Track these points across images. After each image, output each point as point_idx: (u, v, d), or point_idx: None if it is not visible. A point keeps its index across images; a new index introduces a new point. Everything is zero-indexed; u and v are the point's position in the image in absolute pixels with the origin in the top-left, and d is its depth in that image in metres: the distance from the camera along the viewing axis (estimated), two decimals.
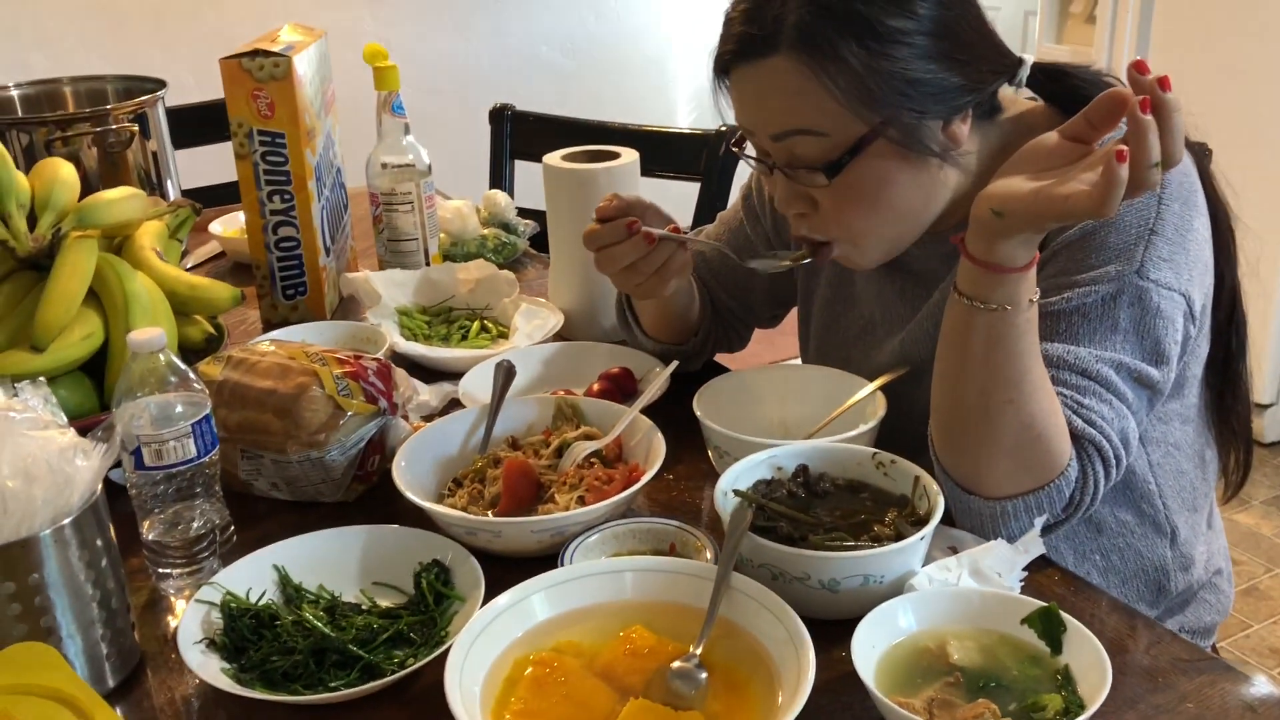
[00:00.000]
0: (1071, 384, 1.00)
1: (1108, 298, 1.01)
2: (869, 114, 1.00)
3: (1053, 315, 1.02)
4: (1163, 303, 1.01)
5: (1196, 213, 1.05)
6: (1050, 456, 0.96)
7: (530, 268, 1.80)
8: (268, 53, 1.42)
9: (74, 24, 3.43)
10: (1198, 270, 1.04)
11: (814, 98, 1.00)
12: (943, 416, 0.99)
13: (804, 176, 1.05)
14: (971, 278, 0.93)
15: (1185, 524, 1.20)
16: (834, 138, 1.01)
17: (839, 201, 1.05)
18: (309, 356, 1.13)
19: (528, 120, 2.20)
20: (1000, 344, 0.93)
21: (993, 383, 0.94)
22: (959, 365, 0.96)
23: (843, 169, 1.02)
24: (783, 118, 1.03)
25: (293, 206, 1.49)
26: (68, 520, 0.83)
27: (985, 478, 0.97)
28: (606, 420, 1.14)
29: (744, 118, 1.08)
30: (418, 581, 0.96)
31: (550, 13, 4.16)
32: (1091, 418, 0.98)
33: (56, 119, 1.74)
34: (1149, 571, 1.19)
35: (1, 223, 1.21)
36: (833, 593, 0.89)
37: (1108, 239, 1.02)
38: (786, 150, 1.05)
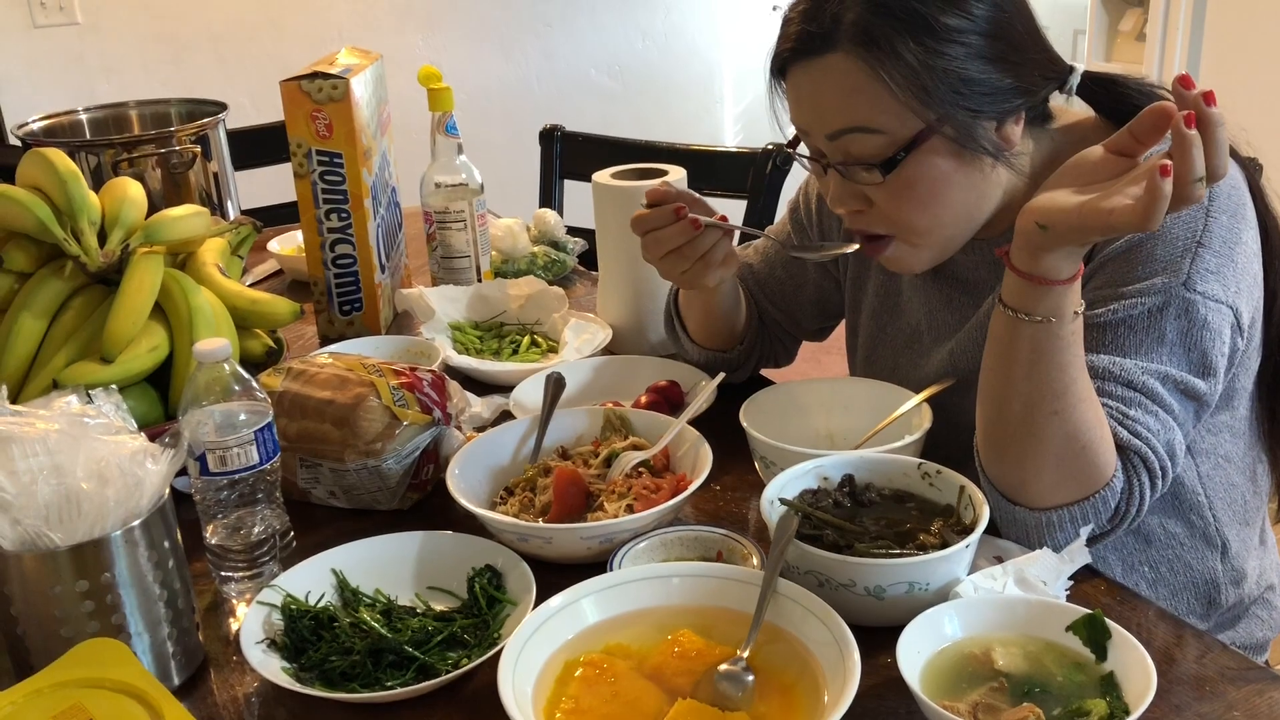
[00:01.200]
0: (1117, 395, 1.00)
1: (1154, 309, 1.01)
2: (924, 111, 1.02)
3: (1099, 327, 1.03)
4: (1210, 315, 1.01)
5: (1245, 225, 1.05)
6: (1095, 468, 0.96)
7: (579, 284, 1.83)
8: (326, 75, 1.47)
9: (138, 52, 3.53)
10: (1245, 283, 1.04)
11: (870, 95, 1.02)
12: (988, 428, 1.00)
13: (859, 174, 1.07)
14: (1016, 290, 0.94)
15: (1236, 537, 1.19)
16: (889, 135, 1.03)
17: (893, 199, 1.07)
18: (366, 368, 1.16)
19: (577, 140, 2.24)
20: (1045, 356, 0.94)
21: (1038, 394, 0.95)
22: (1004, 377, 0.97)
23: (898, 166, 1.04)
24: (839, 115, 1.05)
25: (349, 224, 1.53)
26: (137, 522, 0.87)
27: (1030, 488, 0.98)
28: (654, 431, 1.16)
29: (800, 117, 1.10)
30: (471, 586, 0.98)
31: (598, 36, 4.22)
32: (1137, 429, 0.99)
33: (123, 141, 1.80)
34: (1199, 585, 1.18)
35: (74, 239, 1.26)
36: (878, 599, 0.90)
37: (1155, 251, 1.02)
38: (842, 148, 1.07)
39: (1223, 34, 2.91)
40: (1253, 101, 2.80)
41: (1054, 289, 0.92)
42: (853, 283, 1.35)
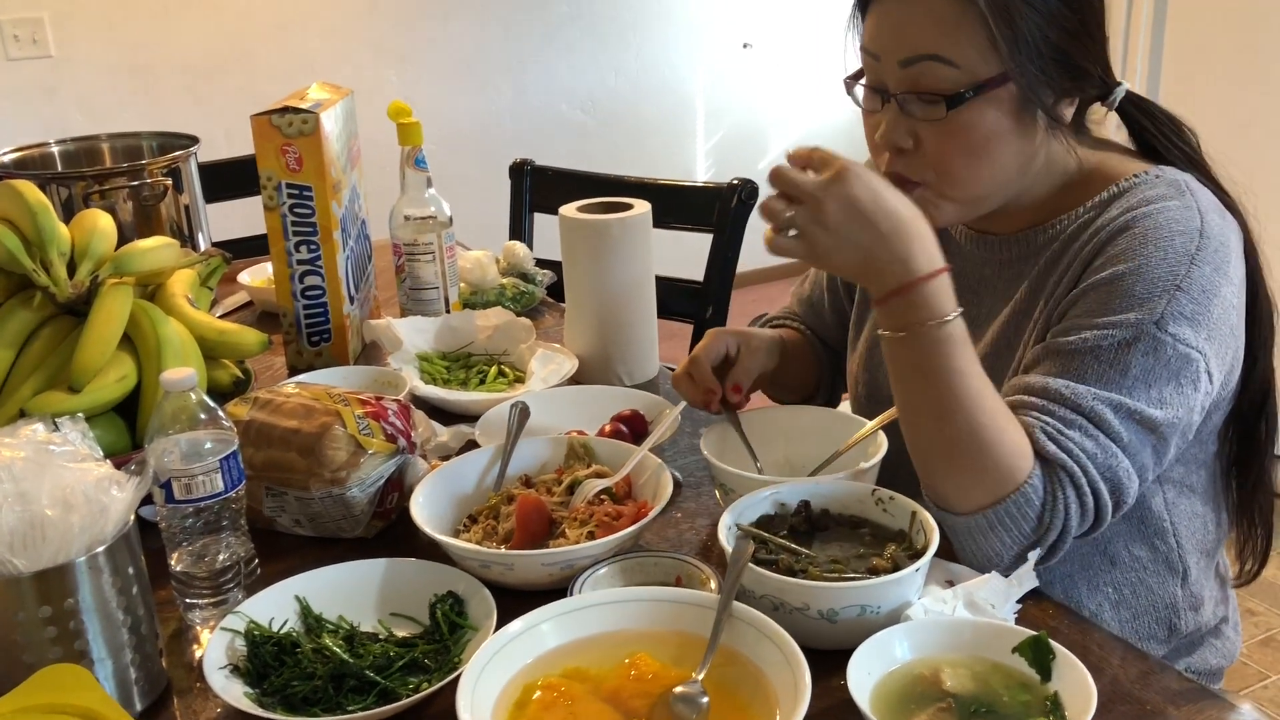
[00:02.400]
0: (1058, 415, 1.03)
1: (1122, 343, 1.04)
2: (1001, 59, 1.06)
3: (1066, 353, 1.06)
4: (1175, 357, 1.03)
5: (1226, 280, 1.08)
6: (1000, 470, 1.00)
7: (547, 315, 1.86)
8: (297, 109, 1.49)
9: (111, 84, 3.55)
10: (1220, 333, 1.07)
11: (958, 29, 1.06)
12: (908, 442, 1.05)
13: (920, 108, 1.09)
14: (890, 314, 1.02)
15: (1197, 565, 1.22)
16: (963, 72, 1.07)
17: (944, 140, 1.10)
18: (332, 398, 1.18)
19: (546, 175, 2.27)
20: (908, 366, 1.01)
21: (932, 401, 1.01)
22: (899, 393, 1.04)
23: (964, 103, 1.07)
24: (922, 41, 1.08)
25: (318, 256, 1.55)
26: (101, 548, 0.88)
27: (946, 493, 1.03)
28: (617, 459, 1.18)
29: (878, 40, 1.12)
30: (433, 612, 1.00)
31: (571, 72, 4.27)
32: (1068, 446, 1.01)
33: (95, 173, 1.82)
34: (1159, 609, 1.21)
35: (43, 270, 1.27)
36: (831, 623, 0.92)
37: (1134, 287, 1.05)
38: (912, 78, 1.09)
39: (1182, 54, 2.97)
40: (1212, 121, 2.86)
41: (888, 304, 1.00)
42: (863, 293, 1.39)
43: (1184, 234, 1.06)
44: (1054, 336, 1.09)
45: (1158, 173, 1.14)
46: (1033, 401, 1.04)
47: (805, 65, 4.64)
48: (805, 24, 4.58)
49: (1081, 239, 1.13)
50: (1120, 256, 1.07)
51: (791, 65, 4.63)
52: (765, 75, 4.62)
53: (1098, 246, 1.10)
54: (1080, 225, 1.14)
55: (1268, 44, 2.78)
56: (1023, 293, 1.18)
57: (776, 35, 4.58)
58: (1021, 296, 1.18)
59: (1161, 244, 1.06)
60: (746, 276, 3.29)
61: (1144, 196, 1.10)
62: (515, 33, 4.11)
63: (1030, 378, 1.07)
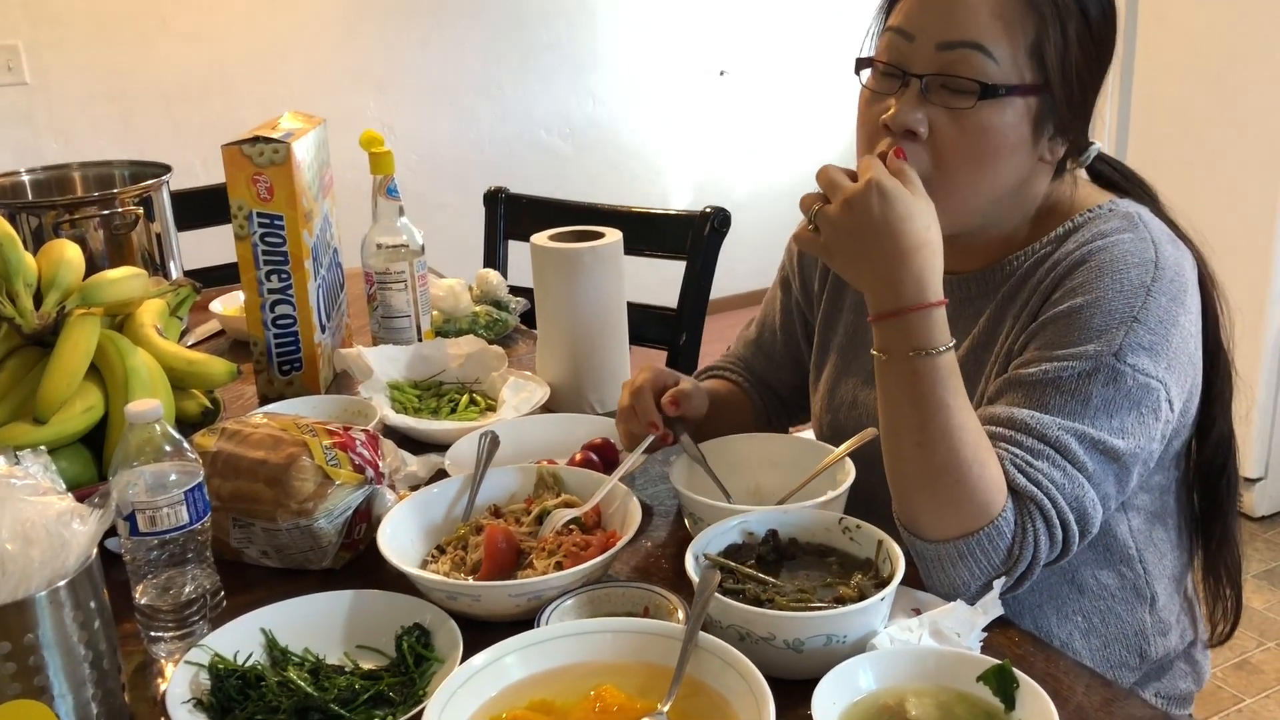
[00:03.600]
0: (1026, 446, 1.04)
1: (1083, 374, 1.05)
2: (1038, 70, 1.08)
3: (1028, 384, 1.07)
4: (1136, 387, 1.05)
5: (1183, 310, 1.09)
6: (974, 504, 1.00)
7: (521, 343, 1.86)
8: (268, 139, 1.49)
9: (86, 111, 3.54)
10: (1179, 362, 1.08)
11: (1008, 23, 1.07)
12: (887, 463, 1.06)
13: (944, 97, 1.08)
14: (886, 333, 1.03)
15: (1164, 591, 1.23)
16: (1001, 70, 1.07)
17: (959, 134, 1.08)
18: (300, 428, 1.18)
19: (521, 202, 2.28)
20: (897, 390, 1.02)
21: (901, 426, 1.02)
22: (887, 416, 1.05)
23: (995, 98, 1.07)
24: (969, 26, 1.07)
25: (290, 285, 1.55)
26: (63, 582, 0.87)
27: (919, 520, 1.03)
28: (587, 489, 1.18)
29: (919, 20, 1.10)
30: (399, 644, 0.99)
31: (550, 98, 4.29)
32: (1038, 478, 1.02)
33: (65, 203, 1.81)
34: (1129, 636, 1.21)
35: (9, 301, 1.27)
36: (797, 652, 0.92)
37: (1092, 320, 1.07)
38: (947, 62, 1.08)
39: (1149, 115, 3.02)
40: (1177, 174, 2.91)
41: (888, 323, 1.01)
42: (824, 321, 1.39)
43: (1139, 265, 1.08)
44: (1015, 368, 1.10)
45: (1111, 205, 1.16)
46: (999, 432, 1.05)
47: (781, 92, 4.67)
48: (780, 52, 4.62)
49: (1039, 273, 1.14)
50: (1078, 289, 1.09)
51: (767, 92, 4.67)
52: (741, 102, 4.65)
53: (1055, 280, 1.11)
54: (1037, 260, 1.15)
55: (1232, 103, 2.83)
56: (981, 327, 1.19)
57: (752, 63, 4.62)
58: (980, 331, 1.19)
59: (1117, 276, 1.07)
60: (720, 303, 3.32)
61: (1099, 230, 1.12)
62: (493, 59, 4.13)
63: (995, 408, 1.08)
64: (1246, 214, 2.83)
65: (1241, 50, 2.79)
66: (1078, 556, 1.13)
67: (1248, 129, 2.81)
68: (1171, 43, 2.93)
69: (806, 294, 1.42)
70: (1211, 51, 2.85)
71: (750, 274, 4.31)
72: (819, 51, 4.58)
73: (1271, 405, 2.97)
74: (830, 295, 1.37)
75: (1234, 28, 2.78)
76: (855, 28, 1.21)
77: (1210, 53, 2.85)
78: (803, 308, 1.43)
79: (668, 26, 4.42)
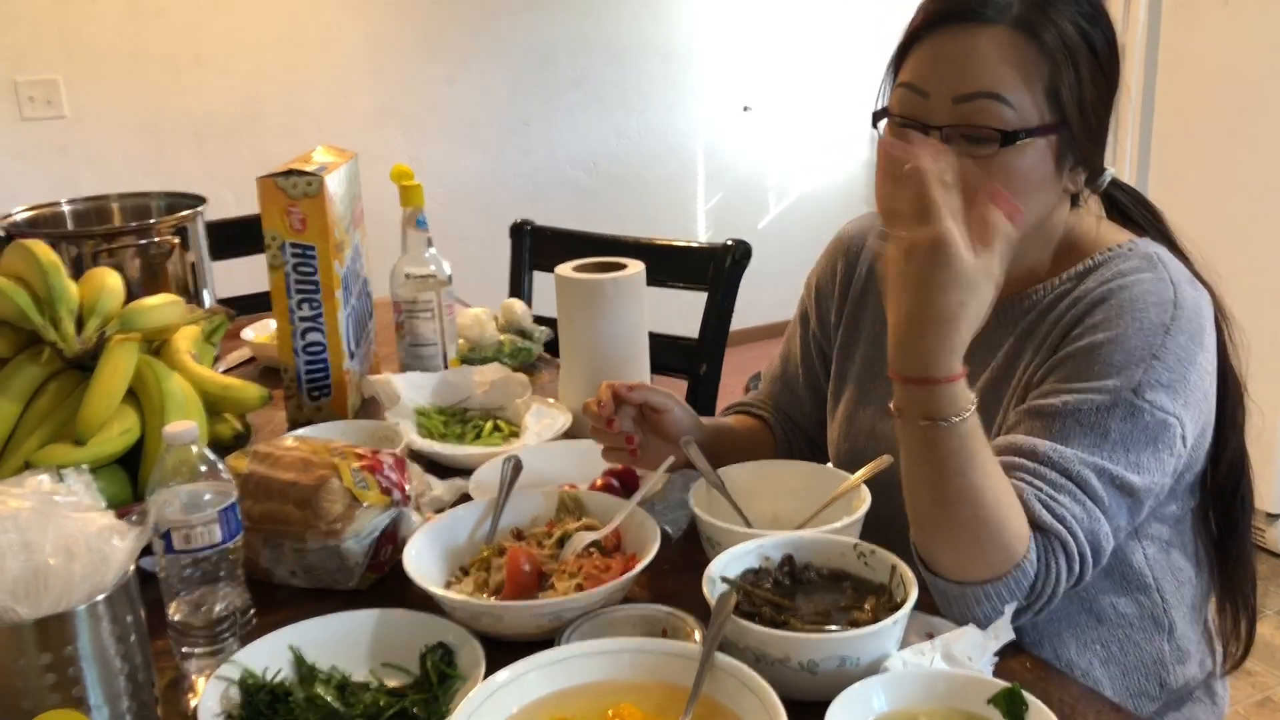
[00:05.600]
0: (1049, 479, 1.06)
1: (1102, 407, 1.07)
2: (1055, 110, 1.10)
3: (1048, 414, 1.09)
4: (1153, 423, 1.07)
5: (1201, 349, 1.11)
6: (1000, 552, 1.02)
7: (544, 371, 1.89)
8: (302, 172, 1.54)
9: (121, 144, 3.62)
10: (1195, 398, 1.10)
11: (1021, 70, 1.09)
12: (909, 510, 1.07)
13: (966, 146, 1.09)
14: (900, 395, 1.01)
15: (1183, 619, 1.24)
16: (1019, 115, 1.09)
17: (985, 181, 1.09)
18: (330, 451, 1.21)
19: (545, 235, 2.32)
20: (928, 455, 1.01)
21: (931, 485, 1.02)
22: (906, 471, 1.05)
23: (1016, 143, 1.09)
24: (983, 78, 1.09)
25: (320, 314, 1.59)
26: (102, 596, 0.90)
27: (945, 564, 1.04)
28: (607, 513, 1.21)
29: (932, 76, 1.12)
30: (423, 662, 1.02)
31: (574, 134, 4.34)
32: (1061, 514, 1.04)
33: (104, 232, 1.86)
34: (1148, 665, 1.22)
35: (52, 326, 1.31)
36: (812, 674, 0.94)
37: (1112, 355, 1.09)
38: (967, 113, 1.10)
39: (1170, 144, 3.04)
40: (1198, 204, 2.92)
41: (929, 390, 0.98)
42: (841, 351, 1.41)
43: (1159, 305, 1.10)
44: (1034, 399, 1.12)
45: (1131, 245, 1.18)
46: (1022, 463, 1.07)
47: (804, 128, 4.72)
48: (804, 88, 4.67)
49: (1059, 309, 1.16)
50: (1098, 326, 1.11)
51: (790, 128, 4.71)
52: (765, 138, 4.70)
53: (1076, 317, 1.14)
54: (1058, 295, 1.18)
55: (1253, 132, 2.85)
56: (1001, 359, 1.21)
57: (776, 99, 4.67)
58: (1000, 363, 1.21)
59: (1138, 315, 1.10)
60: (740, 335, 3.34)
61: (1119, 269, 1.14)
62: (519, 95, 4.19)
63: (1017, 438, 1.10)
64: (1268, 246, 2.84)
65: (1261, 84, 2.80)
66: (1095, 585, 1.15)
67: (1267, 160, 2.82)
68: (1192, 77, 2.95)
69: (824, 326, 1.45)
70: (1231, 85, 2.87)
71: (771, 306, 4.34)
72: (841, 88, 4.62)
73: None
74: (848, 325, 1.40)
75: (1253, 62, 2.80)
76: (875, 66, 1.23)
77: (1230, 86, 2.87)
78: (820, 340, 1.45)
79: (693, 63, 4.48)
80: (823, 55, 4.63)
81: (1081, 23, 1.11)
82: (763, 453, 1.42)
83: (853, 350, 1.39)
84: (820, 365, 1.46)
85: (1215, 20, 2.86)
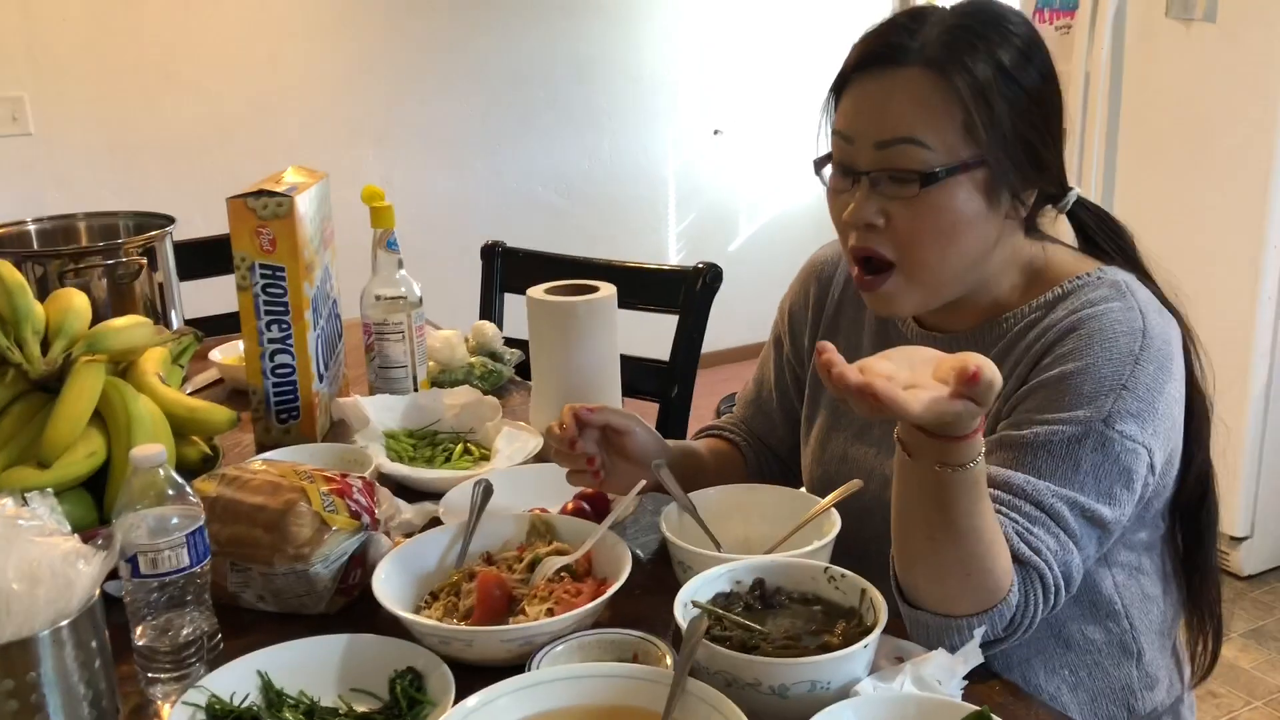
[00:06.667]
0: (1024, 512, 1.07)
1: (1073, 439, 1.08)
2: (973, 145, 1.11)
3: (1021, 446, 1.10)
4: (1124, 453, 1.08)
5: (1169, 378, 1.13)
6: (988, 589, 1.02)
7: (515, 394, 1.89)
8: (272, 193, 1.53)
9: (89, 162, 3.59)
10: (1164, 427, 1.12)
11: (934, 112, 1.11)
12: (895, 542, 1.07)
13: (892, 188, 1.13)
14: (910, 436, 0.99)
15: (1151, 646, 1.25)
16: (938, 154, 1.11)
17: (915, 219, 1.12)
18: (298, 475, 1.20)
19: (517, 256, 2.32)
20: (934, 496, 0.99)
21: (931, 524, 1.01)
22: (902, 503, 1.04)
23: (937, 183, 1.11)
24: (899, 123, 1.12)
25: (289, 335, 1.58)
26: (66, 622, 0.89)
27: (930, 599, 1.04)
28: (578, 537, 1.21)
29: (855, 122, 1.16)
30: (392, 687, 1.01)
31: (546, 155, 4.35)
32: (1038, 546, 1.05)
33: (70, 252, 1.85)
34: (1116, 690, 1.23)
35: (17, 347, 1.29)
36: (782, 698, 0.94)
37: (1082, 386, 1.10)
38: (887, 159, 1.12)
39: (1134, 163, 3.08)
40: (1162, 225, 2.97)
41: (943, 443, 0.96)
42: (814, 376, 1.42)
43: (1128, 334, 1.11)
44: (1005, 429, 1.13)
45: (1100, 274, 1.19)
46: (997, 495, 1.08)
47: (773, 151, 4.76)
48: (773, 112, 4.71)
49: (1029, 338, 1.17)
50: (1068, 356, 1.12)
51: (760, 151, 4.75)
52: (735, 161, 4.73)
53: (1046, 346, 1.15)
54: (1027, 324, 1.19)
55: (1214, 154, 2.90)
56: None
57: (746, 122, 4.70)
58: None
59: (1107, 344, 1.11)
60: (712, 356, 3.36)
61: (1088, 298, 1.16)
62: (491, 117, 4.20)
63: (991, 469, 1.10)
64: (1230, 271, 2.88)
65: (1221, 109, 2.86)
66: (1065, 612, 1.16)
67: (1230, 186, 2.87)
68: (1155, 102, 3.00)
69: (797, 350, 1.45)
70: (1193, 110, 2.92)
71: (743, 328, 4.36)
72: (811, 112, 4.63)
73: (1256, 464, 3.00)
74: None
75: (1214, 87, 2.85)
76: None
77: (1192, 111, 2.92)
78: (793, 364, 1.46)
79: (664, 86, 4.51)
80: (792, 79, 4.67)
81: (1001, 59, 1.12)
82: (732, 476, 1.42)
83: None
84: (794, 389, 1.47)
85: (1177, 46, 2.91)
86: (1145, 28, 2.98)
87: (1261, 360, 2.92)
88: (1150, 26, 2.96)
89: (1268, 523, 3.07)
